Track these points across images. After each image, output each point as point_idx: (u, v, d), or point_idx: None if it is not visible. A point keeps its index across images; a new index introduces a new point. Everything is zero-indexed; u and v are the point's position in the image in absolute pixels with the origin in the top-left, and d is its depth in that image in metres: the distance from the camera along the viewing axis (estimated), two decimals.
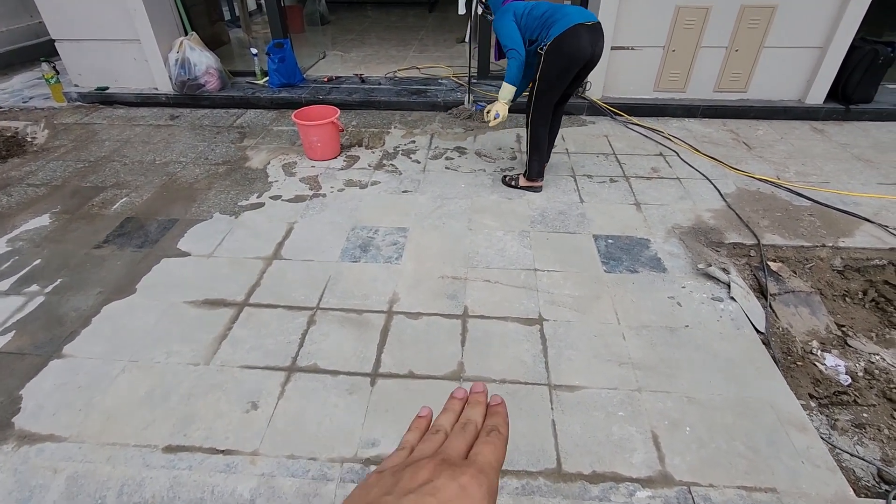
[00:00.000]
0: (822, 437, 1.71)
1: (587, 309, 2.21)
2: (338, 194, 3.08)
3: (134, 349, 2.03)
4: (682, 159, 3.46)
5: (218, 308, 2.23)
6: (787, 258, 2.58)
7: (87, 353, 2.01)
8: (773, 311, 2.31)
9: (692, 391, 1.84)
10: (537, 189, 3.11)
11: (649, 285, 2.34)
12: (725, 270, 2.40)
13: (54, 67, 4.39)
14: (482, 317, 2.17)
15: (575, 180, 3.23)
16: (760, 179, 3.19)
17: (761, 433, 1.69)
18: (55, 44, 4.34)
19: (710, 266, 2.40)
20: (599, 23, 2.63)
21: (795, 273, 2.53)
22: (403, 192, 3.11)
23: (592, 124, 4.03)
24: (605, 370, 1.93)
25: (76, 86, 4.53)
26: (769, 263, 2.53)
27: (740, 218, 2.80)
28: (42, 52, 5.47)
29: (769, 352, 2.03)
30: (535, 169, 3.04)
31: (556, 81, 2.71)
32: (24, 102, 4.50)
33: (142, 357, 1.99)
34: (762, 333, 2.15)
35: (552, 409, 1.78)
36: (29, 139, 3.82)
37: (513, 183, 3.16)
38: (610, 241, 2.65)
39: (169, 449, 1.66)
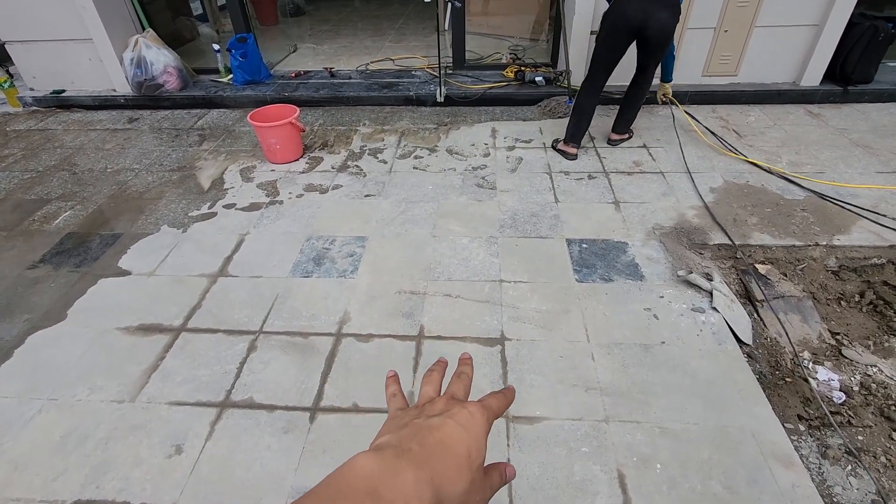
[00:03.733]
0: (809, 471, 1.53)
1: (554, 325, 2.01)
2: (296, 201, 2.88)
3: (55, 385, 1.85)
4: (665, 151, 3.24)
5: (152, 335, 2.04)
6: (776, 259, 2.37)
7: (3, 392, 1.83)
8: (761, 320, 2.11)
9: (665, 420, 1.65)
10: (569, 156, 3.15)
11: (624, 296, 2.14)
12: (708, 277, 2.19)
13: (7, 71, 4.17)
14: (439, 337, 1.98)
15: (551, 177, 3.02)
16: (754, 164, 2.96)
17: (742, 470, 1.51)
18: (6, 46, 4.12)
19: (692, 273, 2.19)
20: None
21: (786, 276, 2.32)
22: (366, 196, 2.90)
23: (568, 115, 3.78)
24: (571, 397, 1.74)
25: (31, 90, 4.31)
26: (757, 266, 2.33)
27: (717, 222, 2.58)
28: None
29: (753, 370, 1.83)
30: (568, 132, 3.10)
31: (604, 47, 2.76)
32: None
33: (62, 395, 1.81)
34: (748, 346, 1.96)
35: (508, 445, 1.60)
36: None
37: (555, 144, 3.28)
38: (584, 245, 2.45)
39: None
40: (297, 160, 3.29)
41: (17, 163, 3.42)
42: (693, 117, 3.40)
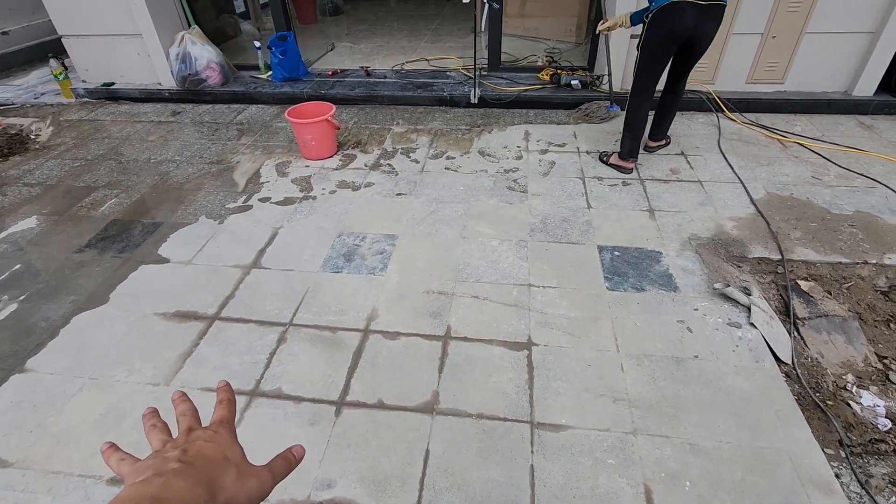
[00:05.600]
0: (850, 500, 1.45)
1: (583, 333, 1.98)
2: (328, 197, 2.92)
3: (96, 365, 1.93)
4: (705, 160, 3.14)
5: (188, 321, 2.11)
6: (820, 276, 2.27)
7: (49, 368, 1.93)
8: (801, 339, 2.02)
9: (697, 437, 1.60)
10: (626, 170, 3.03)
11: (657, 306, 2.09)
12: (746, 291, 2.11)
13: (63, 63, 4.39)
14: (465, 339, 1.98)
15: (584, 182, 2.97)
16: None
17: (777, 494, 1.45)
18: (62, 40, 4.33)
19: (729, 286, 2.12)
20: (720, 4, 2.47)
21: (830, 294, 2.22)
22: (398, 195, 2.92)
23: (610, 120, 3.72)
24: (598, 407, 1.70)
25: (84, 82, 4.52)
26: (799, 282, 2.23)
27: (770, 230, 2.49)
28: (60, 47, 5.52)
29: (792, 391, 1.75)
30: (625, 147, 2.97)
31: (655, 56, 2.65)
32: (35, 98, 4.53)
33: (102, 374, 1.89)
34: (786, 364, 1.88)
35: (532, 452, 1.58)
36: (32, 136, 3.82)
37: (605, 159, 3.13)
38: (616, 253, 2.40)
39: (113, 481, 1.55)
40: (331, 157, 3.34)
41: (68, 151, 3.59)
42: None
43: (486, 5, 3.94)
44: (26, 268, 2.46)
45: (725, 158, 3.13)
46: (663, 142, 3.21)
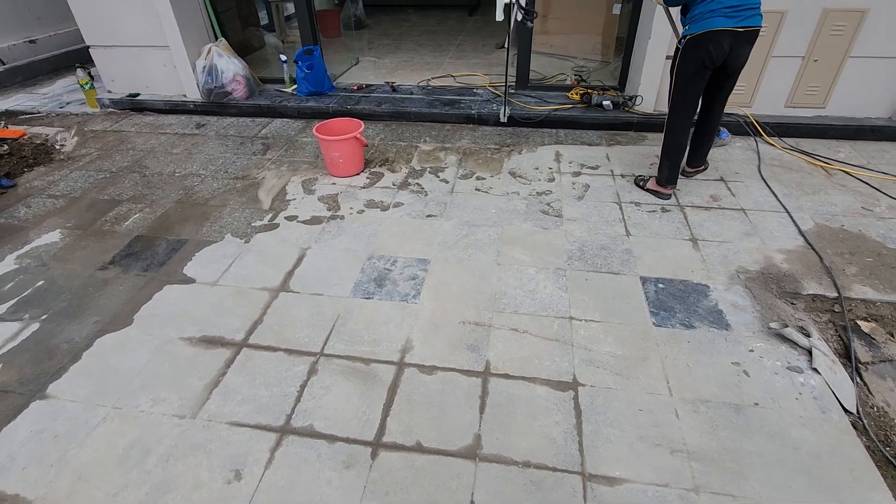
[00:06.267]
0: None
1: (632, 373, 1.86)
2: (357, 217, 2.85)
3: (120, 393, 1.84)
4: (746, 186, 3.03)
5: (214, 348, 2.02)
6: (882, 317, 2.13)
7: (72, 395, 1.84)
8: (865, 385, 1.89)
9: (766, 498, 1.47)
10: (664, 196, 2.92)
11: (709, 346, 1.97)
12: (805, 332, 1.99)
13: (89, 73, 4.39)
14: (506, 376, 1.87)
15: (620, 208, 2.87)
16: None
17: None
18: (89, 50, 4.34)
19: (787, 326, 2.00)
20: (756, 29, 2.44)
21: (893, 336, 2.08)
22: (428, 216, 2.83)
23: (644, 142, 3.63)
24: (654, 458, 1.58)
25: (109, 92, 4.52)
26: (859, 323, 2.10)
27: (823, 263, 2.36)
28: (86, 56, 5.56)
29: (864, 443, 1.62)
30: (664, 174, 2.88)
31: (690, 81, 2.60)
32: (60, 108, 4.53)
33: (126, 404, 1.80)
34: (851, 414, 1.74)
35: None
36: (58, 146, 3.80)
37: (641, 183, 3.04)
38: (661, 285, 2.28)
39: None
40: (359, 174, 3.27)
41: (92, 162, 3.56)
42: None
43: (513, 22, 3.88)
44: (49, 285, 2.40)
45: (768, 186, 3.01)
46: (702, 167, 3.11)
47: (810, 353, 1.90)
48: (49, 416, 1.77)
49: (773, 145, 3.49)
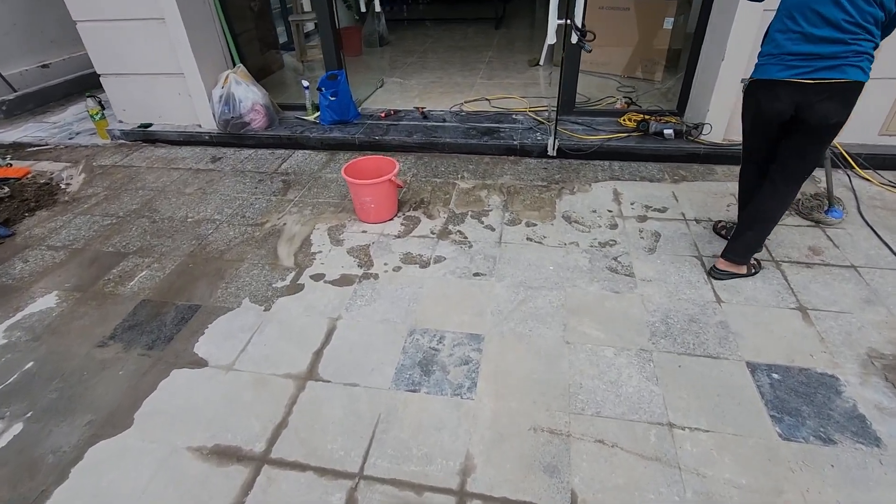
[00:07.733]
0: None
1: None
2: (393, 275, 2.46)
3: None
4: (848, 233, 2.57)
5: (229, 464, 1.64)
6: None
7: None
8: None
9: None
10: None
11: (860, 472, 1.52)
12: None
13: (100, 102, 4.11)
14: None
15: (702, 263, 2.43)
16: None
17: None
18: (100, 78, 4.06)
19: None
20: (838, 82, 1.80)
21: None
22: (475, 274, 2.43)
23: (713, 176, 3.19)
24: None
25: (120, 122, 4.24)
26: None
27: None
28: (98, 82, 5.32)
29: None
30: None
31: (748, 130, 2.20)
32: (70, 139, 4.26)
33: None
34: None
35: None
36: (63, 185, 3.50)
37: (722, 231, 2.59)
38: (775, 375, 1.84)
39: None
40: (392, 219, 2.89)
41: (98, 205, 3.24)
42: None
43: (567, 44, 3.48)
44: (39, 367, 2.05)
45: (876, 234, 2.54)
46: (742, 268, 2.26)
47: None
48: None
49: (868, 180, 3.02)
